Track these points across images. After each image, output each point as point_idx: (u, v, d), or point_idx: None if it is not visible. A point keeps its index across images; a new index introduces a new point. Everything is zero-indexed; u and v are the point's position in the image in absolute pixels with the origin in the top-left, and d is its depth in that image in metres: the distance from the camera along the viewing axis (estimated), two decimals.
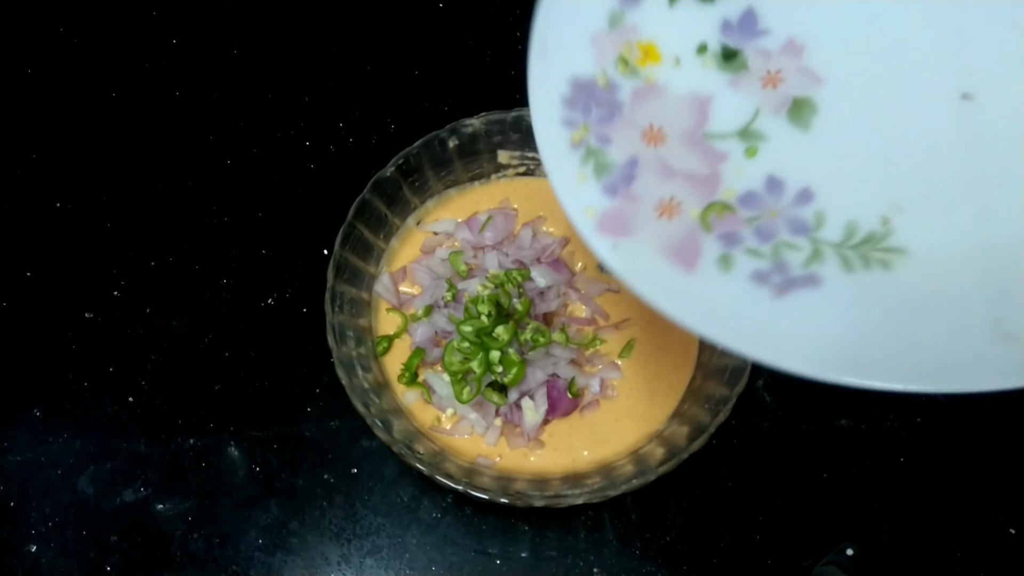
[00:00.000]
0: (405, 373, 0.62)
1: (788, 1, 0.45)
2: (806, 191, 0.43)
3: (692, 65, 0.44)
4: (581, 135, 0.41)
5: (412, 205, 0.66)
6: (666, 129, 0.43)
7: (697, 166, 0.43)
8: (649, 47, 0.44)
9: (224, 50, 0.79)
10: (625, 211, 0.41)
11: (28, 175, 0.75)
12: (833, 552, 0.60)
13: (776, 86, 0.44)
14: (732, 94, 0.44)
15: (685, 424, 0.58)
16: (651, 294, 0.39)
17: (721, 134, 0.44)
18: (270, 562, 0.61)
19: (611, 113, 0.42)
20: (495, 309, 0.60)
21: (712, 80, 0.44)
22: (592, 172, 0.41)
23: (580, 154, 0.41)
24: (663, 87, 0.44)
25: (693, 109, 0.44)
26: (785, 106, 0.44)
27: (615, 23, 0.43)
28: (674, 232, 0.41)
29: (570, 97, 0.41)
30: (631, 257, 0.40)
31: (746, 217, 0.43)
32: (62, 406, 0.66)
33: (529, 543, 0.61)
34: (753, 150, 0.44)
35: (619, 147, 0.42)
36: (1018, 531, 0.61)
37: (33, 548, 0.62)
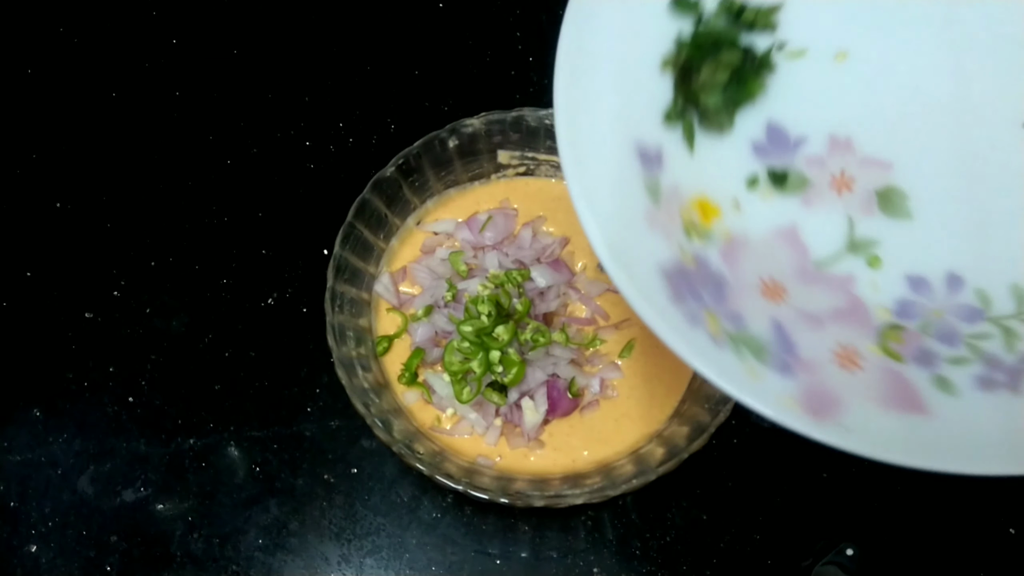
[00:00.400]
0: (405, 373, 0.62)
1: (804, 98, 0.42)
2: (952, 276, 0.40)
3: (753, 202, 0.41)
4: (716, 327, 0.36)
5: (412, 205, 0.66)
6: (777, 277, 0.39)
7: (834, 301, 0.39)
8: (702, 202, 0.40)
9: (224, 50, 0.79)
10: (815, 383, 0.36)
11: (28, 175, 0.75)
12: (833, 552, 0.60)
13: (851, 188, 0.41)
14: (813, 214, 0.41)
15: (685, 424, 0.58)
16: (921, 458, 0.33)
17: (830, 258, 0.40)
18: (270, 562, 0.61)
19: (719, 287, 0.38)
20: (495, 309, 0.60)
21: (784, 209, 0.41)
22: (754, 360, 0.36)
23: (729, 348, 0.36)
24: (743, 237, 0.40)
25: (786, 245, 0.40)
26: (873, 203, 0.41)
27: (655, 194, 0.39)
28: (876, 380, 0.37)
29: (672, 293, 0.36)
30: (867, 430, 0.35)
31: (918, 328, 0.39)
32: (62, 406, 0.66)
33: (529, 543, 0.61)
34: (875, 259, 0.40)
35: (753, 319, 0.37)
36: (1018, 531, 0.61)
37: (33, 548, 0.62)
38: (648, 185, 0.39)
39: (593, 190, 0.37)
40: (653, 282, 0.36)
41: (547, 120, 0.64)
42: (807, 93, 0.43)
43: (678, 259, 0.38)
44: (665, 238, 0.38)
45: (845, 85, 0.43)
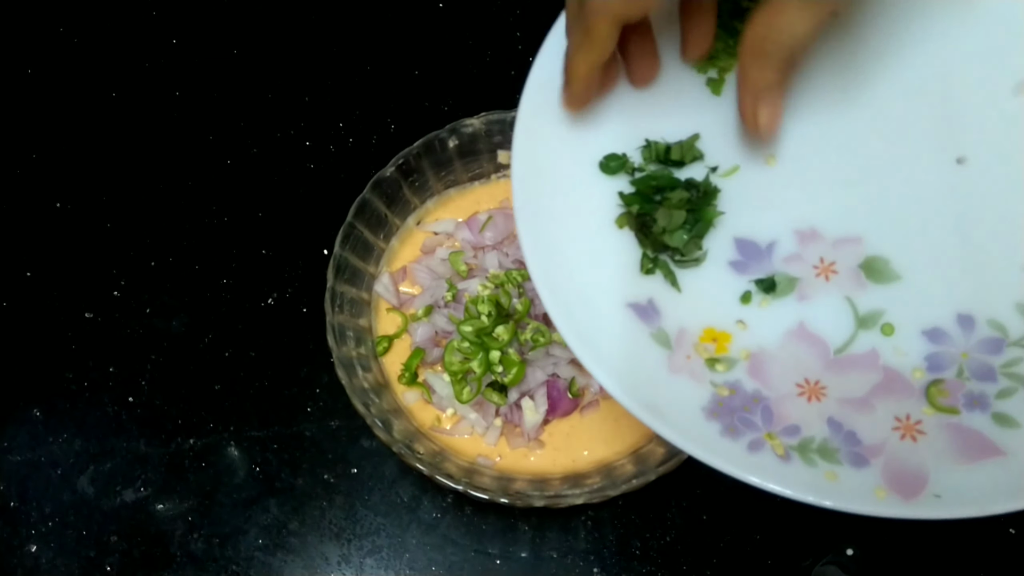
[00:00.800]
0: (405, 373, 0.62)
1: (757, 207, 0.44)
2: (962, 317, 0.41)
3: (755, 316, 0.42)
4: (778, 445, 0.38)
5: (412, 205, 0.66)
6: (809, 376, 0.40)
7: (870, 379, 0.40)
8: (710, 333, 0.42)
9: (224, 50, 0.79)
10: (893, 464, 0.37)
11: (28, 175, 0.75)
12: (833, 552, 0.60)
13: (836, 271, 0.43)
14: (814, 306, 0.42)
15: None
16: (1017, 499, 0.35)
17: (847, 340, 0.41)
18: (270, 562, 0.61)
19: (764, 406, 0.39)
20: (495, 309, 0.60)
21: (785, 311, 0.42)
22: (827, 464, 0.38)
23: (800, 460, 0.38)
24: (761, 350, 0.41)
25: (803, 344, 0.41)
26: (861, 277, 0.42)
27: (666, 342, 0.41)
28: (943, 439, 0.38)
29: (723, 428, 0.38)
30: (958, 490, 0.36)
31: (955, 376, 0.40)
32: (62, 406, 0.66)
33: (529, 543, 0.61)
34: (888, 327, 0.41)
35: (808, 424, 0.39)
36: (1018, 531, 0.61)
37: (33, 548, 0.62)
38: (655, 336, 0.41)
39: (610, 363, 0.38)
40: (700, 426, 0.38)
41: None
42: (758, 202, 0.44)
43: (713, 394, 0.39)
44: (693, 379, 0.40)
45: (786, 182, 0.44)
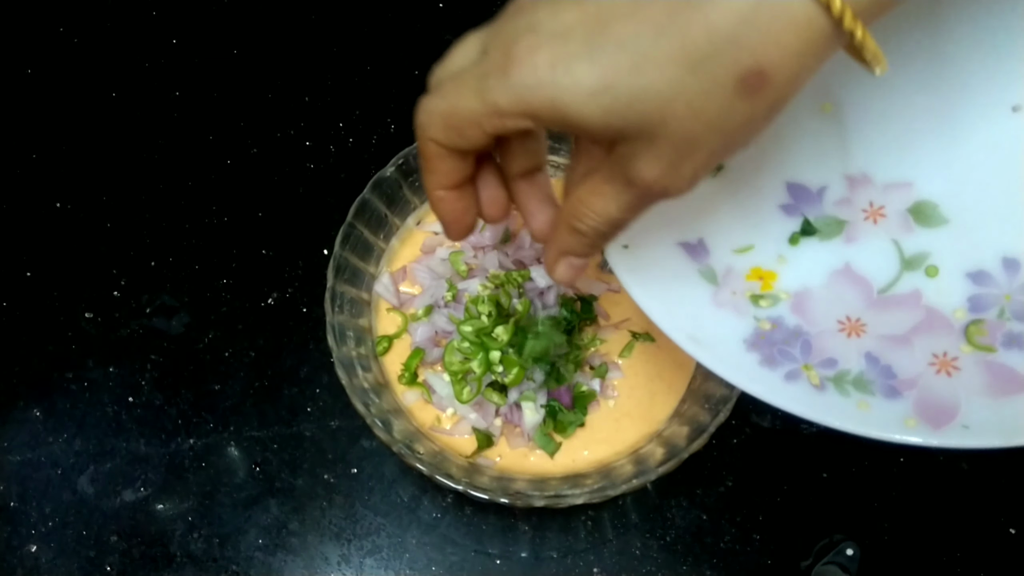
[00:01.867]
0: (405, 373, 0.62)
1: (809, 153, 0.44)
2: (1007, 260, 0.42)
3: (802, 256, 0.43)
4: (815, 376, 0.39)
5: (412, 205, 0.66)
6: (851, 314, 0.41)
7: (911, 318, 0.41)
8: (756, 271, 0.43)
9: (224, 50, 0.79)
10: (925, 397, 0.38)
11: (28, 175, 0.75)
12: (833, 552, 0.60)
13: (884, 215, 0.43)
14: (860, 248, 0.43)
15: (685, 424, 0.58)
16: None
17: (891, 281, 0.42)
18: (270, 562, 0.61)
19: (804, 340, 0.41)
20: (495, 309, 0.60)
21: (832, 253, 0.43)
22: (861, 394, 0.39)
23: (834, 390, 0.39)
24: (806, 289, 0.42)
25: (848, 283, 0.42)
26: (909, 221, 0.43)
27: (713, 278, 0.42)
28: (978, 375, 0.39)
29: (762, 358, 0.39)
30: (987, 422, 0.37)
31: (996, 317, 0.41)
32: (62, 406, 0.66)
33: (529, 543, 0.61)
34: (932, 269, 0.42)
35: (846, 358, 0.40)
36: (1018, 531, 0.61)
37: (33, 548, 0.62)
38: (703, 272, 0.42)
39: (660, 298, 0.39)
40: (741, 356, 0.39)
41: None
42: (811, 147, 0.45)
43: (755, 328, 0.41)
44: (736, 313, 0.41)
45: (840, 129, 0.45)
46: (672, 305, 0.40)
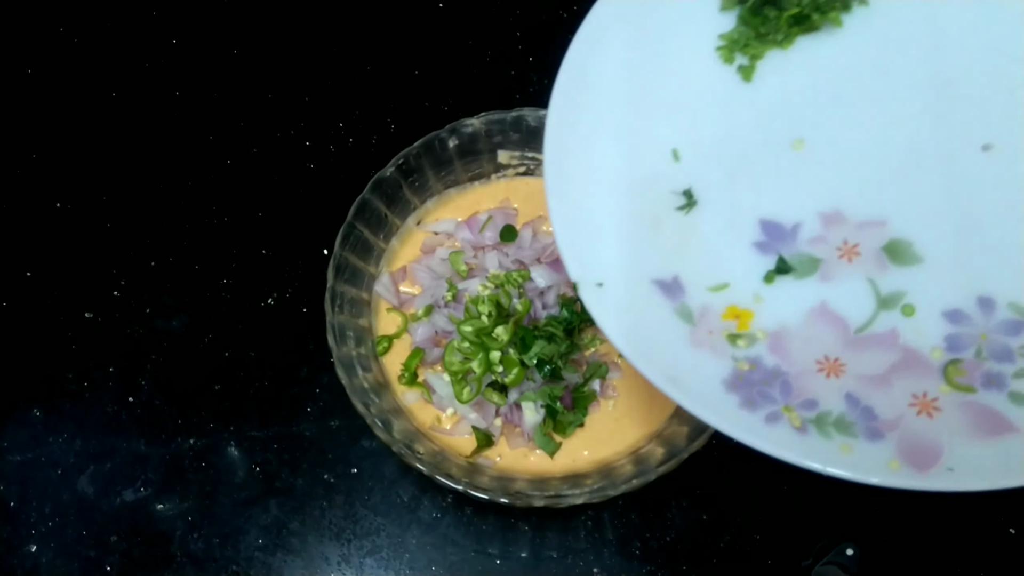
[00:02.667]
0: (405, 373, 0.62)
1: (783, 190, 0.45)
2: (982, 299, 0.42)
3: (779, 295, 0.43)
4: (795, 418, 0.39)
5: (412, 205, 0.66)
6: (829, 354, 0.41)
7: (888, 358, 0.41)
8: (732, 310, 0.43)
9: (224, 50, 0.79)
10: (908, 438, 0.38)
11: (28, 175, 0.75)
12: (833, 552, 0.60)
13: (858, 252, 0.43)
14: (835, 287, 0.43)
15: (685, 424, 0.58)
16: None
17: (868, 320, 0.42)
18: (270, 562, 0.61)
19: (783, 381, 0.40)
20: (495, 309, 0.60)
21: (807, 291, 0.43)
22: (843, 436, 0.38)
23: (816, 433, 0.39)
24: (783, 328, 0.42)
25: (824, 323, 0.42)
26: (884, 259, 0.43)
27: (689, 317, 0.42)
28: (959, 416, 0.39)
29: (742, 400, 0.39)
30: (970, 464, 0.37)
31: (974, 356, 0.41)
32: (62, 406, 0.66)
33: (529, 543, 0.61)
34: (909, 308, 0.42)
35: (825, 398, 0.40)
36: (1018, 531, 0.61)
37: (33, 548, 0.62)
38: (678, 311, 0.42)
39: (636, 337, 0.39)
40: (720, 398, 0.39)
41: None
42: (785, 184, 0.45)
43: (734, 368, 0.40)
44: (714, 353, 0.41)
45: (814, 167, 0.45)
46: (649, 344, 0.39)
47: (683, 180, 0.45)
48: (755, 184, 0.45)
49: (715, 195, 0.45)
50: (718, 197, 0.45)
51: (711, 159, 0.46)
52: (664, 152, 0.45)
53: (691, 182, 0.45)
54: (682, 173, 0.45)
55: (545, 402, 0.59)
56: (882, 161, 0.44)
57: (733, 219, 0.45)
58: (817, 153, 0.45)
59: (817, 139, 0.45)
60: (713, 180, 0.45)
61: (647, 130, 0.45)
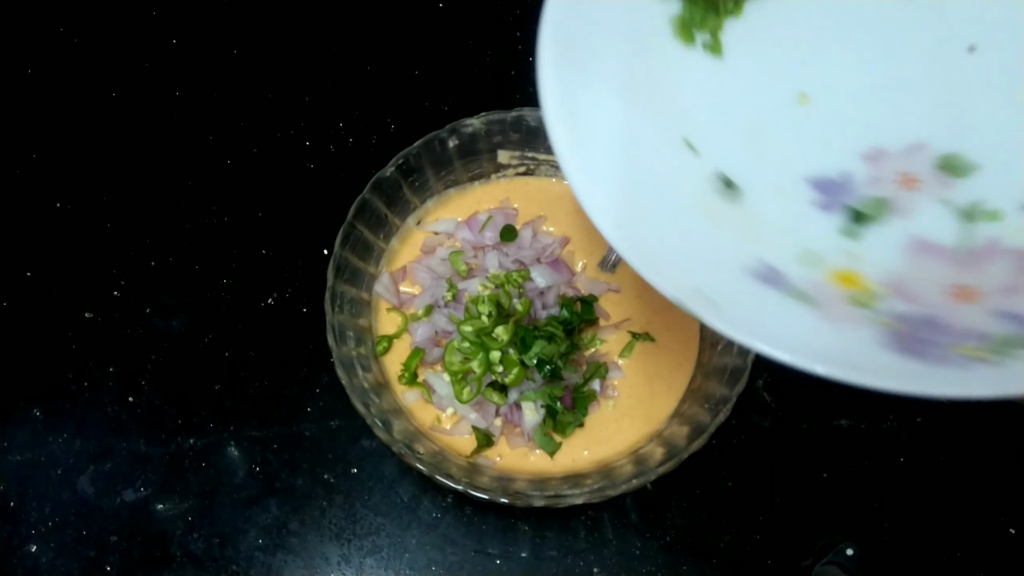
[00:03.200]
0: (405, 373, 0.62)
1: (815, 145, 0.44)
2: None
3: (868, 246, 0.42)
4: (972, 351, 0.37)
5: (412, 205, 0.66)
6: (954, 282, 0.40)
7: (1006, 265, 0.40)
8: (838, 275, 0.41)
9: (224, 50, 0.79)
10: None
11: (28, 175, 0.75)
12: (833, 552, 0.60)
13: (918, 179, 0.42)
14: (916, 217, 0.42)
15: (685, 424, 0.58)
16: None
17: (965, 237, 0.41)
18: (270, 562, 0.61)
19: (932, 322, 0.39)
20: (495, 309, 0.60)
21: (893, 232, 0.42)
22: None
23: (997, 358, 0.36)
24: (895, 278, 0.41)
25: (927, 256, 0.41)
26: (945, 178, 0.42)
27: (809, 299, 0.40)
28: None
29: (909, 353, 0.37)
30: None
31: None
32: (62, 406, 0.66)
33: (529, 543, 0.61)
34: (994, 213, 0.42)
35: (985, 323, 0.38)
36: (1018, 531, 0.61)
37: (33, 548, 0.62)
38: (794, 295, 0.39)
39: (778, 335, 0.37)
40: (888, 361, 0.37)
41: None
42: (811, 140, 0.44)
43: (883, 329, 0.38)
44: (854, 323, 0.39)
45: (828, 115, 0.44)
46: (795, 339, 0.37)
47: (710, 167, 0.44)
48: (782, 149, 0.44)
49: (750, 171, 0.43)
50: (754, 172, 0.44)
51: (726, 139, 0.44)
52: (677, 147, 0.44)
53: (719, 166, 0.44)
54: (706, 161, 0.44)
55: (545, 402, 0.59)
56: (886, 87, 0.44)
57: (781, 188, 0.43)
58: (824, 101, 0.44)
59: (815, 88, 0.44)
60: (739, 158, 0.44)
61: (649, 131, 0.44)
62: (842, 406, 0.64)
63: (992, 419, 0.65)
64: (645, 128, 0.44)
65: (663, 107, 0.45)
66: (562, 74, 0.40)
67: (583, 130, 0.41)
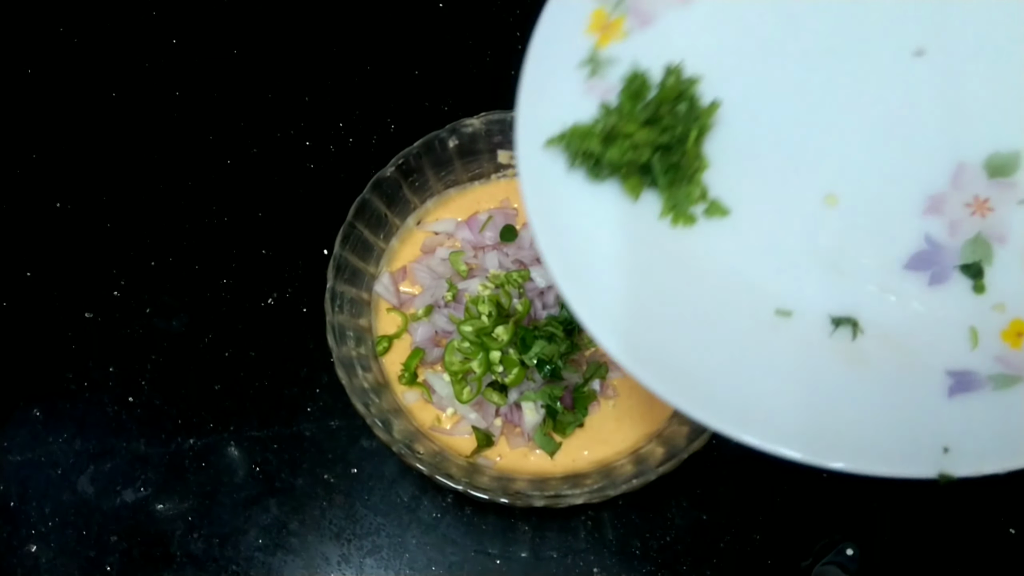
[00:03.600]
0: (405, 373, 0.62)
1: (869, 233, 0.43)
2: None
3: (1004, 288, 0.41)
4: None
5: (412, 205, 0.66)
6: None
7: None
8: (1016, 325, 0.41)
9: (224, 50, 0.79)
10: None
11: (28, 175, 0.75)
12: (833, 552, 0.60)
13: (986, 200, 0.42)
14: (1014, 231, 0.41)
15: (685, 424, 0.58)
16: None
17: None
18: (270, 562, 0.61)
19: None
20: (495, 309, 0.60)
21: (1011, 259, 0.41)
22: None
23: None
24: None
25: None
26: (1007, 183, 0.42)
27: (1011, 383, 0.39)
28: None
29: None
30: None
31: None
32: (62, 406, 0.66)
33: (529, 543, 0.61)
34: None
35: None
36: (1018, 531, 0.61)
37: (33, 548, 0.62)
38: (1003, 383, 0.39)
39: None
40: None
41: None
42: (873, 228, 0.43)
43: None
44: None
45: (872, 194, 0.43)
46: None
47: (816, 315, 0.42)
48: (855, 258, 0.43)
49: (851, 300, 0.42)
50: (856, 298, 0.42)
51: (803, 279, 0.43)
52: (765, 321, 0.42)
53: (826, 311, 0.42)
54: (806, 316, 0.42)
55: (545, 402, 0.59)
56: (891, 139, 0.43)
57: (888, 289, 0.43)
58: (848, 188, 0.43)
59: (834, 184, 0.43)
60: (831, 292, 0.43)
61: (725, 314, 0.42)
62: None
63: None
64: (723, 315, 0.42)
65: (716, 291, 0.43)
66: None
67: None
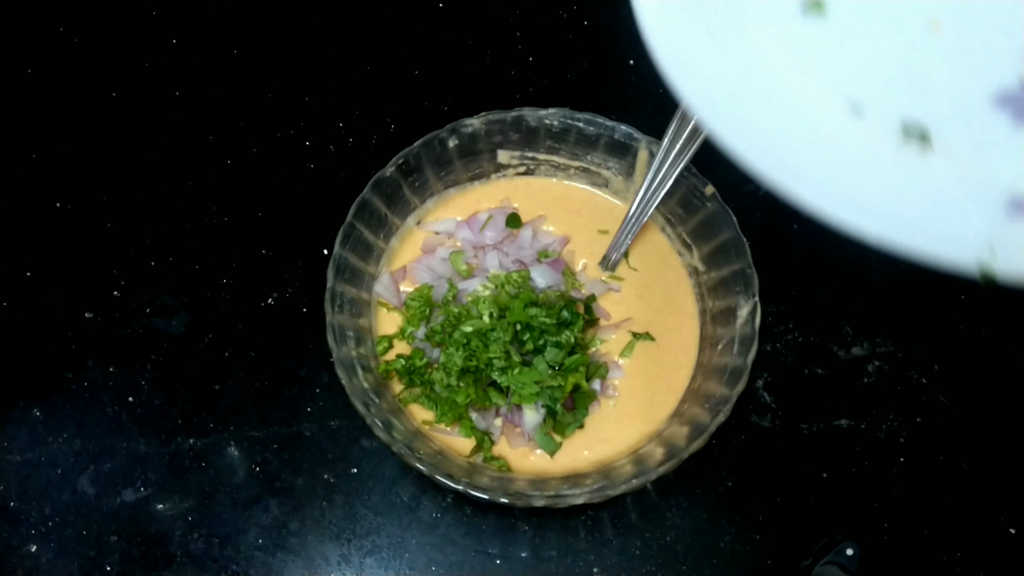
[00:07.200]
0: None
1: (965, 62, 0.41)
2: None
3: None
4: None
5: (412, 205, 0.66)
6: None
7: None
8: None
9: (224, 50, 0.79)
10: None
11: (28, 175, 0.75)
12: (833, 552, 0.60)
13: None
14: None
15: (685, 424, 0.58)
16: None
17: None
18: (270, 562, 0.61)
19: None
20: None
21: None
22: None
23: None
24: None
25: None
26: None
27: None
28: None
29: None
30: None
31: None
32: (62, 406, 0.66)
33: (529, 543, 0.61)
34: None
35: None
36: (1018, 531, 0.62)
37: (33, 548, 0.62)
38: None
39: None
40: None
41: (547, 120, 0.64)
42: (970, 59, 0.42)
43: None
44: None
45: (970, 28, 0.42)
46: None
47: (886, 125, 0.41)
48: (949, 80, 0.42)
49: (930, 115, 0.41)
50: (935, 114, 0.41)
51: (884, 91, 0.42)
52: (838, 113, 0.41)
53: (896, 118, 0.41)
54: (878, 120, 0.41)
55: (545, 402, 0.59)
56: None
57: (969, 120, 0.41)
58: (953, 18, 0.42)
59: (940, 10, 0.42)
60: (903, 102, 0.41)
61: (799, 105, 0.40)
62: (842, 406, 0.65)
63: (992, 419, 0.65)
64: (788, 99, 0.41)
65: (796, 76, 0.41)
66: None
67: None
